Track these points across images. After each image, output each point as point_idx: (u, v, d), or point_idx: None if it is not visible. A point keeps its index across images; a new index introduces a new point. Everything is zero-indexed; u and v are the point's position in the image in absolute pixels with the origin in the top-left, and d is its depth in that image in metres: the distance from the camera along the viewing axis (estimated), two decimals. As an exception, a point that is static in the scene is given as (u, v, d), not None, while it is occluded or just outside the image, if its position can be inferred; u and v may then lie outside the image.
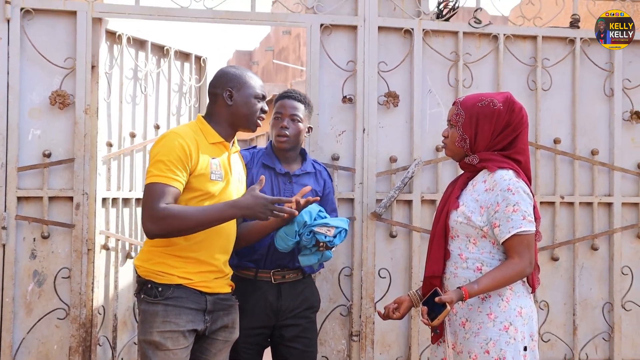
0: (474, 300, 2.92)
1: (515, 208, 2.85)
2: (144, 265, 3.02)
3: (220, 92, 3.10)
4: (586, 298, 4.64)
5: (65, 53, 4.12)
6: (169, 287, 2.97)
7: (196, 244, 3.00)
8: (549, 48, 4.61)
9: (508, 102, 2.97)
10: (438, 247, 3.01)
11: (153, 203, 2.85)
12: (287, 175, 3.55)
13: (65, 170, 4.10)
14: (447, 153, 3.11)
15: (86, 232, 4.09)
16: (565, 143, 4.61)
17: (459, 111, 3.00)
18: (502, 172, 2.91)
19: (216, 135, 3.09)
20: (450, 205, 3.00)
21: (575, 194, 4.59)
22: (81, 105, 4.08)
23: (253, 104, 3.12)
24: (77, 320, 4.08)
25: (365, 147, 4.33)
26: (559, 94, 4.62)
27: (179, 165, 2.90)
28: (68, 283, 4.09)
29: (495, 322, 2.89)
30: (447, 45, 4.50)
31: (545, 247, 4.53)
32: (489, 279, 2.84)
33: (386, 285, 4.38)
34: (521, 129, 2.98)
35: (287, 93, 3.63)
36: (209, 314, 3.05)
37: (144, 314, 2.99)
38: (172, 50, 4.84)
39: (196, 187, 2.97)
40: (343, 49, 4.40)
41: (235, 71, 3.15)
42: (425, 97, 4.44)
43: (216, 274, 3.08)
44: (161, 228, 2.85)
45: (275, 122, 3.56)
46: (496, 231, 2.88)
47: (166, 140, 2.95)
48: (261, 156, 3.58)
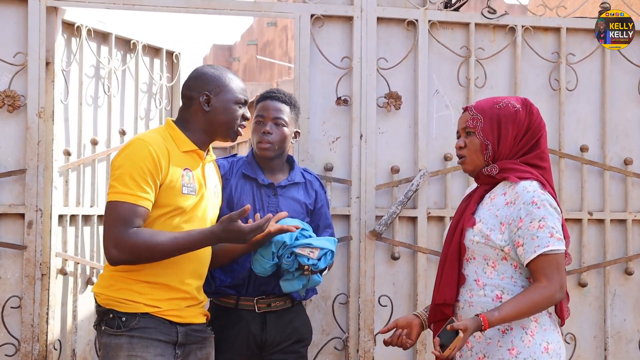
0: (493, 333, 2.92)
1: (541, 224, 2.86)
2: (105, 292, 3.04)
3: (197, 95, 3.14)
4: (619, 330, 4.67)
5: (15, 47, 4.14)
6: (134, 316, 2.99)
7: (164, 268, 3.03)
8: (574, 42, 4.66)
9: (526, 104, 3.03)
10: (451, 270, 3.00)
11: (120, 227, 2.89)
12: (272, 187, 3.57)
13: (16, 183, 4.12)
14: (467, 168, 3.09)
15: (40, 254, 4.10)
16: (594, 151, 4.66)
17: (475, 116, 3.02)
18: (525, 184, 2.92)
19: (189, 143, 3.12)
20: (466, 222, 3.00)
21: (605, 210, 4.63)
22: (34, 108, 4.11)
23: (233, 110, 3.16)
24: (29, 356, 4.08)
25: (362, 155, 4.37)
26: (586, 95, 4.67)
27: (148, 180, 2.94)
28: (18, 314, 4.10)
29: (518, 358, 2.89)
30: (456, 38, 4.56)
31: (572, 271, 4.55)
32: (512, 305, 2.83)
33: (387, 315, 4.41)
34: (541, 132, 3.03)
35: (269, 93, 3.66)
36: (180, 347, 3.07)
37: (105, 348, 3.01)
38: (139, 45, 4.88)
39: (165, 203, 3.00)
40: (337, 44, 4.45)
41: (213, 72, 3.18)
42: (431, 99, 4.49)
43: (188, 302, 3.10)
44: (128, 256, 2.91)
45: (257, 126, 3.58)
46: (519, 251, 2.88)
47: (132, 149, 2.98)
48: (241, 165, 3.60)
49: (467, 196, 3.18)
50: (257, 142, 3.56)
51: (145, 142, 2.99)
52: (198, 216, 3.10)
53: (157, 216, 3.00)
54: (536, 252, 2.84)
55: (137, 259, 2.94)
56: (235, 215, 2.95)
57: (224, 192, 3.47)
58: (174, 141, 3.09)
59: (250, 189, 3.54)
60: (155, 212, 3.00)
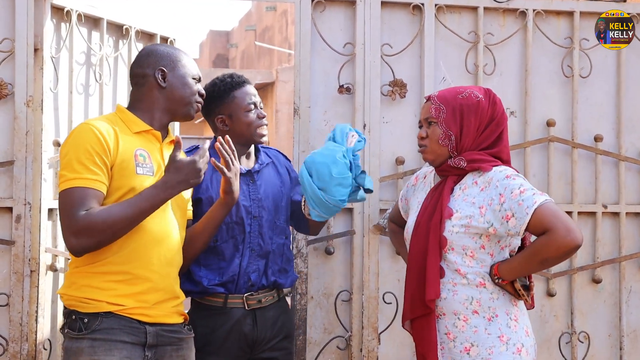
0: (479, 321, 3.02)
1: (521, 189, 2.94)
2: (67, 292, 2.99)
3: (151, 72, 3.14)
4: (635, 329, 4.64)
5: (1, 33, 4.10)
6: (97, 316, 2.92)
7: (128, 255, 2.96)
8: (588, 26, 4.61)
9: (488, 94, 3.16)
10: (434, 263, 3.05)
11: (73, 212, 2.84)
12: (249, 174, 3.57)
13: (3, 175, 4.09)
14: (427, 157, 3.19)
15: (29, 250, 4.07)
16: (609, 141, 4.62)
17: (438, 106, 3.12)
18: (497, 168, 3.05)
19: (141, 124, 3.09)
20: (444, 214, 3.06)
21: (621, 203, 4.60)
22: (22, 97, 4.07)
23: (191, 84, 3.18)
24: (17, 357, 4.05)
25: (366, 146, 4.32)
26: (600, 82, 4.64)
27: (96, 161, 2.89)
28: (6, 312, 4.07)
29: (508, 344, 3.00)
30: (464, 23, 4.52)
31: (585, 267, 4.54)
32: (521, 256, 2.99)
33: (392, 313, 4.38)
34: (504, 124, 3.15)
35: (241, 78, 3.64)
36: (150, 348, 2.99)
37: (66, 353, 2.95)
38: (132, 30, 4.84)
39: (118, 185, 2.95)
40: (339, 29, 4.41)
41: (165, 48, 3.21)
42: (438, 87, 4.43)
43: (158, 295, 3.01)
44: (88, 239, 2.85)
45: (255, 114, 3.59)
46: (512, 223, 2.94)
47: (76, 133, 2.95)
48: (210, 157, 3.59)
49: (432, 189, 3.22)
50: (258, 127, 3.58)
51: (88, 124, 2.96)
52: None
53: (116, 199, 2.94)
54: (528, 214, 2.90)
55: (98, 241, 2.86)
56: (176, 153, 2.93)
57: (198, 188, 3.46)
58: (124, 123, 3.07)
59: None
60: (110, 197, 2.93)
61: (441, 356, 3.06)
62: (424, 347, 3.10)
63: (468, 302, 3.02)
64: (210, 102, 3.58)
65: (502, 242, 3.05)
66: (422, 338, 3.11)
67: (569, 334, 4.52)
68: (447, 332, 3.06)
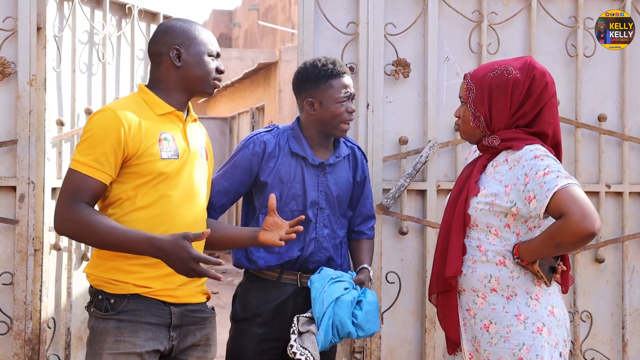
0: (497, 299, 3.03)
1: (546, 171, 2.89)
2: (94, 272, 3.03)
3: (166, 51, 3.10)
4: (638, 308, 4.69)
5: (4, 11, 4.14)
6: (123, 298, 2.96)
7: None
8: (592, 5, 4.64)
9: (527, 68, 3.05)
10: (457, 241, 3.08)
11: (67, 198, 2.89)
12: (321, 166, 3.61)
13: (7, 155, 4.15)
14: (462, 136, 3.25)
15: (32, 229, 4.13)
16: (612, 120, 4.66)
17: (469, 85, 3.11)
18: (529, 146, 3.00)
19: (165, 105, 3.08)
20: (470, 192, 3.07)
21: (624, 182, 4.64)
22: (25, 76, 4.12)
23: (206, 62, 3.13)
24: (22, 335, 4.12)
25: (369, 126, 4.38)
26: (604, 61, 4.67)
27: (107, 152, 2.90)
28: (10, 291, 4.14)
29: (527, 323, 2.99)
30: (468, 2, 4.55)
31: (588, 247, 4.57)
32: (538, 238, 2.96)
33: (395, 292, 4.43)
34: (547, 98, 3.06)
35: (343, 69, 3.61)
36: (175, 329, 3.04)
37: (92, 333, 3.00)
38: (135, 9, 4.86)
39: (145, 171, 2.97)
40: (342, 8, 4.44)
41: (181, 25, 3.14)
42: (441, 66, 4.49)
43: (183, 278, 3.01)
44: (67, 231, 2.93)
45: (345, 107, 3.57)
46: (533, 204, 2.90)
47: (98, 118, 2.96)
48: (287, 140, 3.61)
49: (469, 164, 3.25)
50: (343, 122, 3.58)
51: (112, 111, 2.96)
52: (184, 181, 3.05)
53: (137, 185, 2.97)
54: (548, 197, 2.85)
55: (76, 237, 2.98)
56: (193, 236, 2.81)
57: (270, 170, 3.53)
58: (148, 106, 3.07)
59: (300, 169, 3.59)
60: (135, 181, 2.96)
61: (464, 332, 3.11)
62: (445, 323, 3.17)
63: (487, 280, 3.04)
64: (306, 82, 3.58)
65: (529, 222, 3.03)
66: (444, 313, 3.18)
67: (572, 313, 4.55)
68: (468, 308, 3.10)
